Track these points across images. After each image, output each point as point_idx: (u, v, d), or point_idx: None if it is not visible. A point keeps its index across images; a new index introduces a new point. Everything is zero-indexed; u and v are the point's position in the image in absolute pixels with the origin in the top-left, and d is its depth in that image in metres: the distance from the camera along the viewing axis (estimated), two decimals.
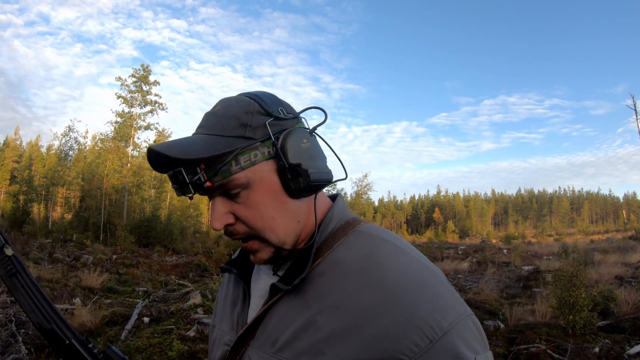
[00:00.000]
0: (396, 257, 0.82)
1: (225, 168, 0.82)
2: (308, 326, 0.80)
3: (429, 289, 0.76)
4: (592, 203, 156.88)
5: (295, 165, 0.85)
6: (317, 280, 0.84)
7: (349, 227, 0.92)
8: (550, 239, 62.22)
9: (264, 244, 0.88)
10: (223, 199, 0.87)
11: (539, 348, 6.52)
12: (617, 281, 13.24)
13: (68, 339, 0.89)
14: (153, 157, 0.83)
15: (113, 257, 18.90)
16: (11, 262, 0.90)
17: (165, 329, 7.77)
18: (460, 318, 0.75)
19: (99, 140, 41.37)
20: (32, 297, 0.90)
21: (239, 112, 0.88)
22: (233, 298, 1.04)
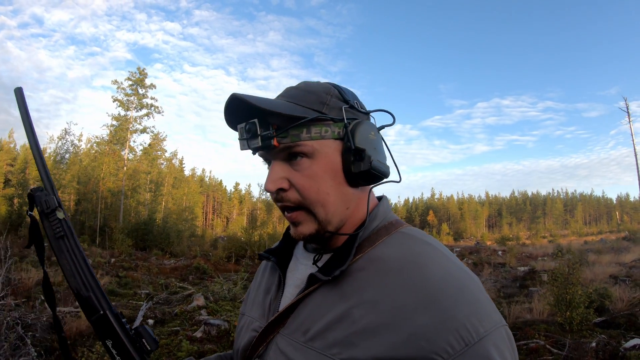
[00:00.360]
0: (438, 260, 0.83)
1: (296, 132, 0.86)
2: (343, 318, 0.80)
3: (468, 294, 0.77)
4: (585, 205, 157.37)
5: (360, 150, 0.88)
6: (357, 275, 0.85)
7: (392, 228, 0.94)
8: (545, 240, 62.34)
9: (310, 217, 0.90)
10: (282, 164, 0.90)
11: (538, 343, 6.71)
12: (612, 280, 13.42)
13: (103, 310, 0.91)
14: (234, 104, 0.87)
15: (111, 260, 18.92)
16: (61, 225, 0.93)
17: (170, 330, 7.86)
18: (497, 326, 0.75)
19: (95, 143, 41.27)
20: (75, 262, 0.93)
21: (320, 91, 0.92)
22: (267, 286, 1.06)
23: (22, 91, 0.98)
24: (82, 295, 0.91)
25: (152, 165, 44.19)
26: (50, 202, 0.92)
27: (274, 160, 0.90)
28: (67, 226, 0.93)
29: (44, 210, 0.92)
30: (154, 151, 43.65)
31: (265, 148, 0.88)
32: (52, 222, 0.92)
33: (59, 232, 0.92)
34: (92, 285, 0.92)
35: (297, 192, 0.88)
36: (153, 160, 44.09)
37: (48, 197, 0.93)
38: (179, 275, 16.28)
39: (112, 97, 38.90)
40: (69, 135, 37.95)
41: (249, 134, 0.87)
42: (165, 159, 50.09)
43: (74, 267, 0.92)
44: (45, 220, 0.93)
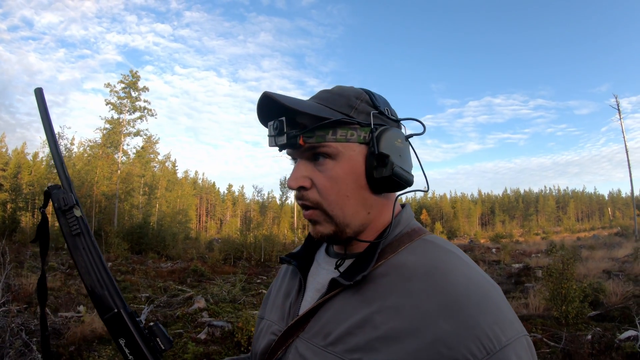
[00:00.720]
0: (461, 267, 0.83)
1: (321, 133, 0.88)
2: (365, 323, 0.80)
3: (491, 302, 0.77)
4: (577, 201, 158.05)
5: (384, 156, 0.88)
6: (379, 280, 0.85)
7: (415, 235, 0.94)
8: (538, 237, 62.47)
9: (327, 218, 0.91)
10: (307, 163, 0.92)
11: (535, 337, 6.89)
12: (605, 275, 13.64)
13: (117, 308, 0.92)
14: (265, 102, 0.90)
15: (108, 264, 18.82)
16: (78, 223, 0.94)
17: (173, 333, 7.93)
18: (518, 336, 0.75)
19: (88, 147, 41.14)
20: (90, 259, 0.93)
21: (350, 95, 0.94)
22: (287, 290, 1.06)
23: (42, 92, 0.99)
24: (96, 293, 0.92)
25: (146, 168, 44.09)
26: (68, 200, 0.94)
27: (299, 159, 0.93)
28: (84, 224, 0.95)
29: (62, 207, 0.94)
30: (147, 154, 43.56)
31: (291, 146, 0.90)
32: (69, 220, 0.94)
33: (76, 230, 0.93)
34: (107, 283, 0.93)
35: (317, 192, 0.90)
36: (146, 164, 43.98)
37: (66, 194, 0.95)
38: (177, 278, 16.27)
39: (105, 100, 38.84)
40: (62, 139, 37.75)
41: (277, 131, 0.89)
42: (158, 162, 49.96)
43: (90, 265, 0.93)
44: (62, 217, 0.94)
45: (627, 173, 42.53)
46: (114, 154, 39.91)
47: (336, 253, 1.01)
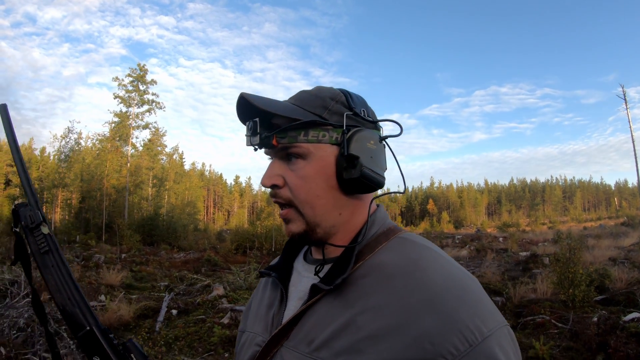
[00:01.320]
0: (439, 262, 0.84)
1: (294, 134, 0.89)
2: (348, 326, 0.80)
3: (471, 295, 0.78)
4: (584, 191, 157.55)
5: (353, 157, 0.89)
6: (359, 282, 0.86)
7: (391, 234, 0.94)
8: (544, 227, 62.49)
9: (299, 216, 0.93)
10: (281, 163, 0.93)
11: (544, 318, 7.24)
12: (611, 262, 13.83)
13: (89, 325, 0.90)
14: (242, 103, 0.91)
15: (122, 256, 19.24)
16: (46, 240, 0.92)
17: (196, 319, 8.26)
18: (500, 326, 0.76)
19: (97, 140, 41.46)
20: (60, 277, 0.92)
21: (326, 96, 0.94)
22: (269, 301, 1.05)
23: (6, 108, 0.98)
24: (67, 311, 0.91)
25: (154, 160, 44.41)
26: (35, 217, 0.93)
27: (273, 159, 0.95)
28: (52, 241, 0.93)
29: (29, 225, 0.93)
30: (155, 147, 43.85)
31: (265, 146, 0.92)
32: (36, 237, 0.92)
33: (44, 247, 0.92)
34: (78, 300, 0.91)
35: (289, 190, 0.92)
36: (155, 156, 44.29)
37: (32, 212, 0.93)
38: (192, 267, 16.59)
39: (113, 94, 39.27)
40: (72, 133, 38.09)
41: (251, 131, 0.91)
42: (165, 154, 50.27)
43: (59, 282, 0.92)
44: (30, 235, 0.93)
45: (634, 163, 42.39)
46: (122, 147, 40.32)
47: (314, 259, 1.02)
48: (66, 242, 26.09)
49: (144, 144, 42.15)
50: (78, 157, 40.09)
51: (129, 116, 39.72)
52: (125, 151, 40.32)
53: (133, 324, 7.98)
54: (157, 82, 41.57)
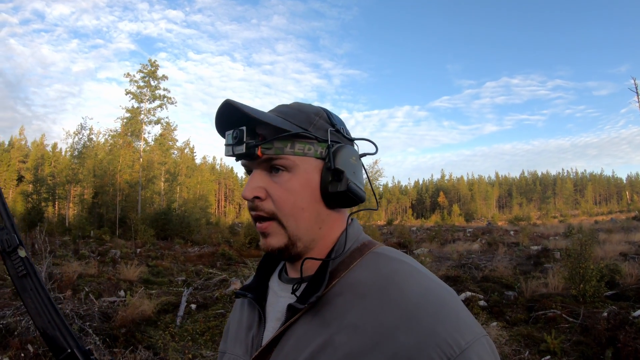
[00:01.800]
0: (415, 277, 0.83)
1: (280, 145, 0.88)
2: (326, 346, 0.80)
3: (447, 309, 0.77)
4: (595, 184, 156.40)
5: (339, 171, 0.89)
6: (335, 300, 0.85)
7: (365, 249, 0.93)
8: (555, 220, 62.41)
9: (281, 229, 0.90)
10: (263, 174, 0.91)
11: (555, 313, 7.43)
12: (622, 257, 13.89)
13: (70, 348, 0.91)
14: (226, 109, 0.89)
15: (137, 250, 19.44)
16: (23, 263, 0.92)
17: (216, 313, 8.46)
18: (477, 337, 0.75)
19: (110, 136, 41.83)
20: (39, 300, 0.92)
21: (309, 111, 0.95)
22: (248, 322, 1.03)
23: None
24: (48, 334, 0.91)
25: (166, 155, 44.69)
26: (12, 241, 0.92)
27: (255, 170, 0.92)
28: (30, 264, 0.93)
29: (5, 249, 0.92)
30: (167, 141, 44.13)
31: (249, 156, 0.89)
32: (14, 261, 0.92)
33: (22, 271, 0.92)
34: (58, 323, 0.92)
35: (272, 203, 0.89)
36: (166, 151, 44.56)
37: (9, 235, 0.93)
38: (207, 262, 16.81)
39: (125, 90, 39.58)
40: (85, 129, 38.45)
41: (236, 140, 0.88)
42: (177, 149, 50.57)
43: (39, 306, 0.92)
44: (7, 259, 0.92)
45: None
46: (134, 142, 40.69)
47: (289, 279, 1.00)
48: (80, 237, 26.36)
49: (155, 138, 42.42)
50: (91, 152, 40.43)
51: (141, 111, 40.01)
52: (137, 146, 40.62)
53: (155, 319, 8.14)
54: (168, 78, 41.92)
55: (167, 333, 7.24)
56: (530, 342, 6.40)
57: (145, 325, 7.69)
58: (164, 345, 6.57)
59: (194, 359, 6.06)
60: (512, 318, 7.67)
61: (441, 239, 27.91)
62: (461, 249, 20.55)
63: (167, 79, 41.76)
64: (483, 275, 11.96)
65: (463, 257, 17.43)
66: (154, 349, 6.39)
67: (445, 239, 28.41)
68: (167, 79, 41.76)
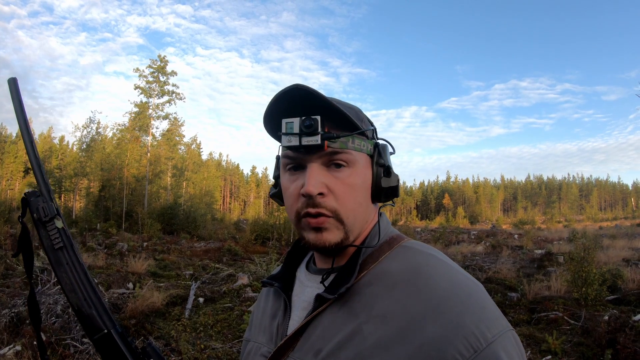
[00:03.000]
0: (443, 269, 0.83)
1: (344, 140, 0.86)
2: (354, 335, 0.80)
3: (475, 301, 0.77)
4: (601, 190, 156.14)
5: (389, 167, 0.93)
6: (364, 291, 0.85)
7: (394, 242, 0.94)
8: (560, 225, 62.23)
9: (339, 225, 0.88)
10: (321, 169, 0.87)
11: (557, 315, 7.57)
12: (624, 263, 13.95)
13: (107, 328, 0.87)
14: (297, 95, 0.85)
15: (144, 244, 19.54)
16: (60, 235, 0.87)
17: (224, 307, 8.58)
18: (504, 331, 0.76)
19: (118, 130, 42.07)
20: (75, 276, 0.87)
21: (356, 108, 0.94)
22: (273, 311, 1.03)
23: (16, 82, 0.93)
24: (83, 312, 0.87)
25: (173, 151, 44.91)
26: (49, 209, 0.87)
27: (312, 164, 0.87)
28: (67, 236, 0.88)
29: (42, 218, 0.87)
30: (174, 136, 44.34)
31: (314, 148, 0.85)
32: (50, 232, 0.87)
33: (58, 243, 0.87)
34: (95, 302, 0.88)
35: (334, 199, 0.87)
36: (174, 146, 44.78)
37: (46, 203, 0.88)
38: (213, 257, 16.89)
39: (134, 85, 39.82)
40: (93, 123, 38.69)
41: (310, 129, 0.83)
42: (184, 144, 50.78)
43: (74, 282, 0.87)
44: (43, 229, 0.87)
45: None
46: (142, 137, 40.94)
47: (318, 269, 1.00)
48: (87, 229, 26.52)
49: (162, 133, 42.67)
50: (99, 146, 40.65)
51: (149, 107, 40.25)
52: (145, 141, 40.88)
53: (163, 310, 8.25)
54: (177, 74, 42.05)
55: (180, 324, 7.36)
56: (531, 342, 6.53)
57: (154, 316, 7.80)
58: (177, 335, 6.71)
59: (205, 349, 6.21)
60: (514, 319, 7.80)
61: (445, 240, 27.91)
62: (465, 251, 20.64)
63: (176, 74, 41.89)
64: (487, 276, 12.05)
65: (467, 258, 17.48)
66: (165, 340, 6.53)
67: (450, 240, 28.48)
68: (176, 74, 41.89)
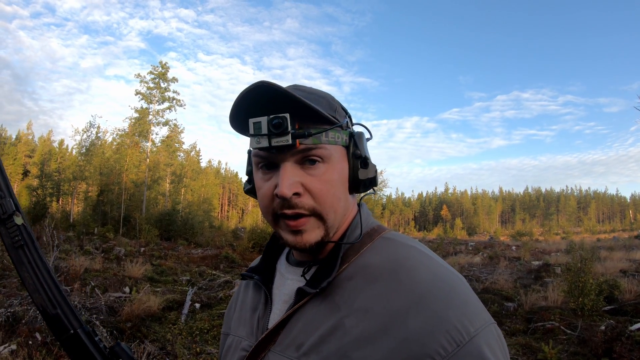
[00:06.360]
0: (425, 262, 0.82)
1: (317, 134, 0.82)
2: (335, 329, 0.79)
3: (457, 294, 0.76)
4: (599, 202, 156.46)
5: (366, 157, 0.90)
6: (345, 284, 0.84)
7: (375, 234, 0.92)
8: (557, 237, 62.35)
9: (319, 223, 0.86)
10: (295, 167, 0.84)
11: (553, 325, 7.57)
12: (621, 274, 13.99)
13: (73, 328, 0.85)
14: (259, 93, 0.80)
15: (141, 249, 19.50)
16: (20, 232, 0.84)
17: (220, 312, 8.60)
18: (487, 325, 0.75)
19: (117, 135, 42.09)
20: (38, 275, 0.84)
21: (328, 97, 0.90)
22: (253, 304, 1.02)
23: None
24: (48, 313, 0.84)
25: (172, 157, 44.93)
26: (7, 206, 0.84)
27: (285, 163, 0.84)
28: (27, 233, 0.85)
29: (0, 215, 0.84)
30: (174, 143, 44.37)
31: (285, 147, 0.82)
32: (9, 229, 0.84)
33: (18, 241, 0.84)
34: (60, 301, 0.85)
35: (312, 197, 0.84)
36: (173, 153, 44.81)
37: (4, 199, 0.84)
38: (210, 263, 16.92)
39: (135, 91, 39.84)
40: (93, 127, 38.69)
41: (278, 129, 0.79)
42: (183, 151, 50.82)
43: (37, 281, 0.84)
44: (2, 226, 0.84)
45: None
46: (141, 142, 40.90)
47: (298, 261, 0.99)
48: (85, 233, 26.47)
49: (162, 140, 42.69)
50: (98, 150, 40.68)
51: (150, 112, 40.25)
52: (144, 147, 40.86)
53: (160, 315, 8.27)
54: (178, 80, 42.15)
55: (175, 328, 7.37)
56: (527, 351, 6.54)
57: (150, 320, 7.81)
58: (173, 339, 6.72)
59: (200, 353, 6.20)
60: (511, 328, 7.80)
61: (443, 251, 27.94)
62: (463, 262, 20.65)
63: (177, 81, 42.00)
64: (484, 287, 12.08)
65: (464, 269, 17.52)
66: (161, 343, 6.53)
67: (447, 251, 28.46)
68: (177, 81, 42.00)
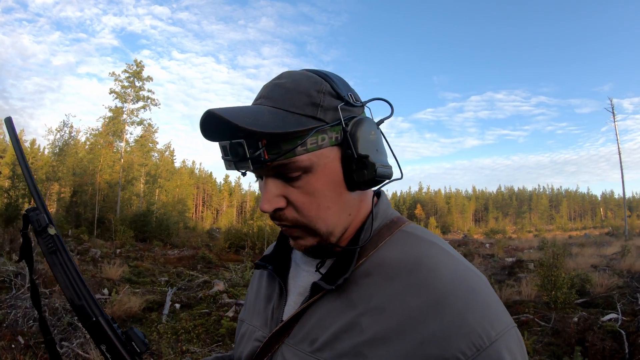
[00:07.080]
0: (445, 261, 0.79)
1: (289, 147, 0.76)
2: (351, 327, 0.77)
3: (478, 296, 0.74)
4: (570, 201, 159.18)
5: (363, 157, 0.81)
6: (362, 281, 0.82)
7: (394, 226, 0.89)
8: (530, 234, 63.28)
9: (309, 232, 0.84)
10: (276, 181, 0.81)
11: (528, 317, 7.78)
12: (593, 269, 14.26)
13: (95, 317, 0.95)
14: (212, 121, 0.77)
15: (117, 251, 19.30)
16: (53, 240, 0.97)
17: (200, 312, 8.57)
18: (508, 328, 0.73)
19: (91, 135, 41.47)
20: (68, 274, 0.96)
21: (310, 89, 0.81)
22: (267, 293, 1.01)
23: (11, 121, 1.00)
24: (76, 304, 0.96)
25: (146, 157, 44.49)
26: (42, 220, 0.97)
27: (267, 177, 0.82)
28: (59, 241, 0.97)
29: (37, 228, 0.96)
30: (148, 143, 43.93)
31: (258, 170, 0.81)
32: (45, 239, 0.97)
33: (52, 247, 0.97)
34: (85, 294, 0.96)
35: (294, 210, 0.82)
36: (147, 153, 44.37)
37: (40, 215, 0.97)
38: (187, 264, 16.84)
39: (109, 89, 39.19)
40: (67, 127, 38.10)
41: (237, 157, 0.78)
42: (157, 151, 50.33)
43: (67, 279, 0.96)
44: (39, 237, 0.97)
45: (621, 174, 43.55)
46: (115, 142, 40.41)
47: None
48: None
49: (136, 139, 42.24)
50: (71, 150, 40.05)
51: (124, 112, 39.81)
52: (118, 147, 40.36)
53: (140, 316, 8.27)
54: (153, 79, 41.77)
55: (161, 328, 7.38)
56: None
57: (131, 322, 7.80)
58: (158, 338, 6.74)
59: (185, 352, 6.24)
60: None
61: None
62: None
63: (152, 80, 41.63)
64: None
65: None
66: None
67: None
68: (152, 80, 41.63)
